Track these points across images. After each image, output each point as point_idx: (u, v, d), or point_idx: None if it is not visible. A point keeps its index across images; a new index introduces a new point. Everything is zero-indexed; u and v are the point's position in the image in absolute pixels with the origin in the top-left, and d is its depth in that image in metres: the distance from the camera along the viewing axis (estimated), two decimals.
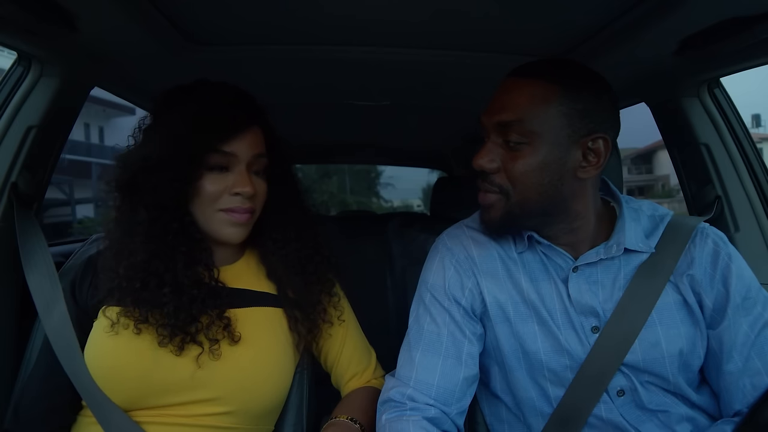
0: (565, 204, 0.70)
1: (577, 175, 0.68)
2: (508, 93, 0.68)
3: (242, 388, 0.71)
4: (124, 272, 0.68)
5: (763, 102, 23.09)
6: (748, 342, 0.67)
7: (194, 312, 0.69)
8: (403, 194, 12.84)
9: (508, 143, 0.68)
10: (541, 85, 0.66)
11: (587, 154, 0.67)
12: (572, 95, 0.65)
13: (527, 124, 0.66)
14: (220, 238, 0.74)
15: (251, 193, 0.72)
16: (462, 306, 0.75)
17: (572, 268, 0.72)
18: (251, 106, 0.75)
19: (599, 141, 0.67)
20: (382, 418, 0.69)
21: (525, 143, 0.66)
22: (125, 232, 0.70)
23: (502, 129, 0.68)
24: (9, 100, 0.86)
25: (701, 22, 0.76)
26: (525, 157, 0.66)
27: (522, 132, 0.66)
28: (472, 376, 0.74)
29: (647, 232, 0.73)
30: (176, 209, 0.70)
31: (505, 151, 0.68)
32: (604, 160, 0.68)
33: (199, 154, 0.69)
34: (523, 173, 0.67)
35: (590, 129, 0.66)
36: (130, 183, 0.70)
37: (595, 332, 0.70)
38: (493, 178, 0.69)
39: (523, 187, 0.68)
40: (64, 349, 0.69)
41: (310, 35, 0.94)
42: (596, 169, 0.68)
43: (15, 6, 0.66)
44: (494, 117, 0.68)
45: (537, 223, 0.72)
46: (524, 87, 0.67)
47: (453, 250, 0.78)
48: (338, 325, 0.84)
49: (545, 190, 0.68)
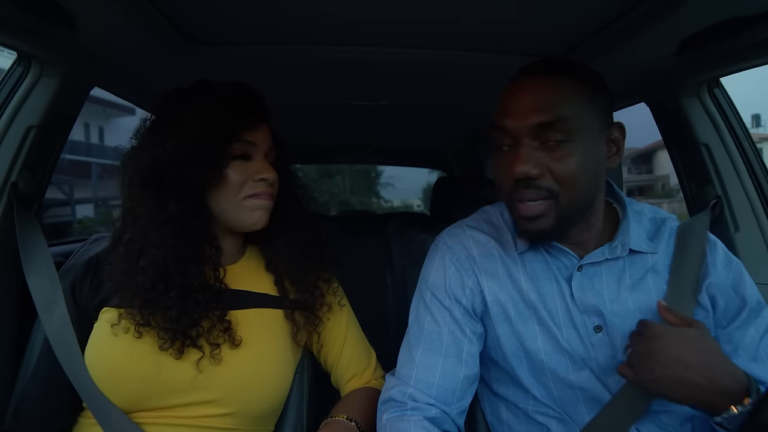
0: (594, 198, 0.70)
1: (606, 165, 0.70)
2: (537, 93, 0.65)
3: (243, 390, 0.71)
4: (135, 270, 0.68)
5: (763, 102, 23.08)
6: (753, 344, 0.68)
7: (196, 316, 0.69)
8: (403, 194, 12.83)
9: (547, 144, 0.65)
10: (570, 81, 0.66)
11: (609, 144, 0.70)
12: (595, 89, 0.68)
13: (569, 122, 0.64)
14: (243, 226, 0.76)
15: (274, 177, 0.76)
16: (462, 305, 0.75)
17: (577, 267, 0.72)
18: (263, 104, 0.78)
19: (615, 130, 0.70)
20: (383, 417, 0.69)
21: (568, 141, 0.64)
22: (149, 227, 0.70)
23: (540, 130, 0.65)
24: (9, 100, 0.86)
25: (701, 22, 0.76)
26: (571, 155, 0.65)
27: (564, 130, 0.64)
28: (472, 375, 0.73)
29: (650, 234, 0.74)
30: (200, 203, 0.72)
31: (546, 153, 0.65)
32: (623, 148, 0.70)
33: (225, 143, 0.72)
34: (573, 171, 0.65)
35: (609, 120, 0.70)
36: (157, 178, 0.70)
37: (598, 331, 0.70)
38: (540, 183, 0.65)
39: (572, 187, 0.66)
40: (64, 350, 0.69)
41: (310, 35, 0.94)
42: (619, 158, 0.71)
43: (15, 6, 0.66)
44: (529, 119, 0.65)
45: (575, 224, 0.71)
46: (555, 85, 0.65)
47: (454, 249, 0.78)
48: (338, 318, 0.84)
49: (590, 186, 0.68)
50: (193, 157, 0.69)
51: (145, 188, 0.71)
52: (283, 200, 0.81)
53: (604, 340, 0.70)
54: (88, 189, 11.36)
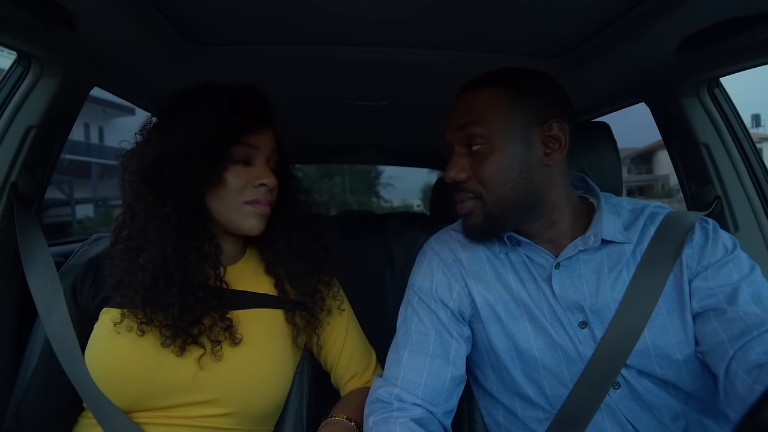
0: (540, 196, 0.72)
1: (544, 163, 0.71)
2: (460, 105, 0.74)
3: (243, 390, 0.71)
4: (135, 268, 0.68)
5: (763, 102, 23.09)
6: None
7: (197, 313, 0.69)
8: (403, 194, 12.84)
9: (471, 150, 0.72)
10: (485, 91, 0.72)
11: (547, 141, 0.71)
12: (514, 92, 0.71)
13: (483, 125, 0.70)
14: (240, 230, 0.76)
15: (274, 183, 0.76)
16: (449, 308, 0.75)
17: (554, 265, 0.73)
18: (269, 107, 0.78)
19: (554, 126, 0.71)
20: (369, 420, 0.69)
21: (485, 144, 0.70)
22: (147, 224, 0.70)
23: (462, 134, 0.72)
24: (9, 100, 0.86)
25: (701, 22, 0.76)
26: (489, 158, 0.70)
27: (480, 134, 0.70)
28: (459, 377, 0.74)
29: (626, 225, 0.75)
30: (198, 202, 0.72)
31: (471, 158, 0.72)
32: (566, 144, 0.71)
33: (226, 144, 0.72)
34: (491, 173, 0.70)
35: (542, 118, 0.70)
36: (157, 174, 0.70)
37: (582, 327, 0.70)
38: (466, 186, 0.73)
39: (495, 187, 0.71)
40: (65, 351, 0.69)
41: (310, 35, 0.94)
42: (560, 154, 0.71)
43: (15, 6, 0.66)
44: (453, 126, 0.73)
45: (518, 221, 0.74)
46: (473, 97, 0.73)
47: (440, 254, 0.79)
48: (338, 321, 0.84)
49: (516, 185, 0.70)
50: (193, 155, 0.69)
51: (144, 183, 0.71)
52: (285, 204, 0.81)
53: (590, 335, 0.70)
54: (88, 189, 11.36)
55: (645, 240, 0.72)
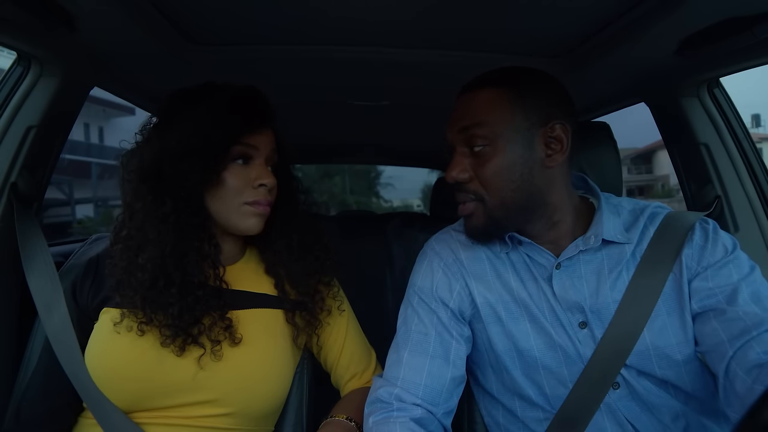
0: (541, 197, 0.72)
1: (546, 164, 0.71)
2: (461, 105, 0.73)
3: (242, 390, 0.71)
4: (135, 267, 0.68)
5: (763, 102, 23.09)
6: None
7: (197, 313, 0.69)
8: (403, 194, 12.85)
9: (473, 151, 0.71)
10: (487, 91, 0.71)
11: (549, 142, 0.70)
12: (517, 92, 0.70)
13: (485, 127, 0.69)
14: (239, 230, 0.75)
15: (273, 183, 0.75)
16: (450, 308, 0.75)
17: (555, 265, 0.72)
18: (268, 108, 0.77)
19: (557, 127, 0.70)
20: (369, 420, 0.69)
21: (488, 146, 0.70)
22: (146, 223, 0.70)
23: (464, 135, 0.71)
24: (9, 100, 0.86)
25: (701, 22, 0.76)
26: (491, 159, 0.69)
27: (482, 135, 0.70)
28: (459, 377, 0.74)
29: (627, 225, 0.74)
30: (197, 202, 0.72)
31: (473, 159, 0.71)
32: (568, 145, 0.71)
33: (225, 144, 0.71)
34: (493, 174, 0.70)
35: (545, 119, 0.70)
36: (156, 173, 0.70)
37: (582, 327, 0.70)
38: (468, 187, 0.72)
39: (497, 189, 0.70)
40: (65, 351, 0.69)
41: (310, 35, 0.94)
42: (562, 155, 0.71)
43: (15, 6, 0.66)
44: (454, 126, 0.73)
45: (519, 222, 0.73)
46: (474, 97, 0.72)
47: (441, 254, 0.79)
48: (338, 322, 0.84)
49: (518, 186, 0.70)
50: (192, 154, 0.69)
51: (143, 182, 0.71)
52: (284, 204, 0.81)
53: (590, 335, 0.70)
54: (88, 189, 11.36)
55: (645, 240, 0.72)
